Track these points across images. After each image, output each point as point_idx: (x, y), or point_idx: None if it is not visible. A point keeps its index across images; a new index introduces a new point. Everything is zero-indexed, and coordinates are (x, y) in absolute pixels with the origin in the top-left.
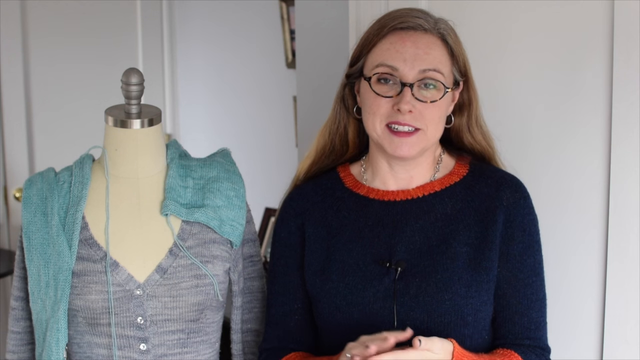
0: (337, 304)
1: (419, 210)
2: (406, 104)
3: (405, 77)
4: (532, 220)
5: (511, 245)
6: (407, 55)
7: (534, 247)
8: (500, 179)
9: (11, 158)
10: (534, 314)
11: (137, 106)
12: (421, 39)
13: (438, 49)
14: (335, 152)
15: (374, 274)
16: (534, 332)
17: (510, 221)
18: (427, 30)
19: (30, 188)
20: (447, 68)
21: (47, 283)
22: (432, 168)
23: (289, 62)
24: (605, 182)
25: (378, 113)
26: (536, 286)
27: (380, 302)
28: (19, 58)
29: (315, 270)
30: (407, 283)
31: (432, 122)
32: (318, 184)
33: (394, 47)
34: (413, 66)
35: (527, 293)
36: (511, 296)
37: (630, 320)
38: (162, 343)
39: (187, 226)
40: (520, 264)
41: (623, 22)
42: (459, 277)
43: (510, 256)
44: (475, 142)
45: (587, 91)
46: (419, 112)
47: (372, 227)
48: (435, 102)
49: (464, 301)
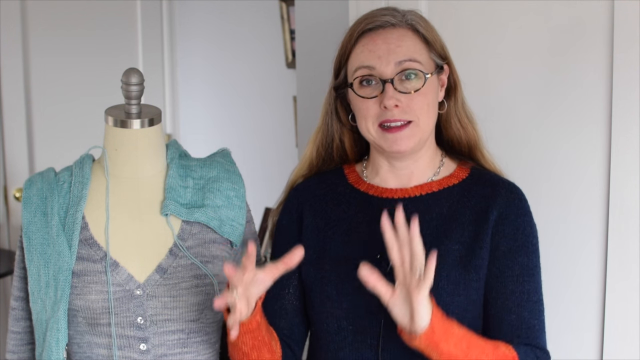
0: (328, 293)
1: (415, 209)
2: (389, 99)
3: (383, 74)
4: (527, 221)
5: (501, 241)
6: (380, 53)
7: (527, 248)
8: (499, 182)
9: (11, 158)
10: (525, 313)
11: (137, 106)
12: (391, 34)
13: (409, 39)
14: (334, 162)
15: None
16: (525, 331)
17: (502, 218)
18: (395, 24)
19: (30, 188)
20: (424, 55)
21: (47, 283)
22: (432, 166)
23: (289, 62)
24: (605, 182)
25: (368, 116)
26: (528, 286)
27: (369, 294)
28: (19, 58)
29: (310, 259)
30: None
31: (421, 112)
32: (323, 179)
33: (367, 48)
34: (388, 61)
35: (516, 291)
36: (499, 292)
37: (630, 320)
38: (162, 343)
39: (187, 226)
40: (510, 261)
41: (623, 22)
42: (447, 274)
43: (499, 252)
44: (462, 127)
45: (587, 91)
46: (406, 105)
47: (369, 222)
48: (420, 91)
49: (450, 298)
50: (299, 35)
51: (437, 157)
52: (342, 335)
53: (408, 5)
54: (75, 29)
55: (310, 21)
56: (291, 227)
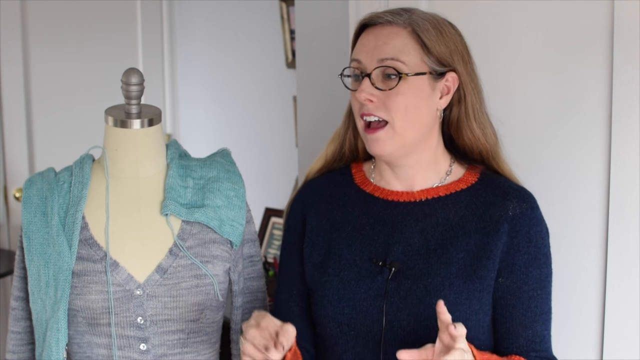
0: (330, 298)
1: (421, 213)
2: (361, 92)
3: (366, 69)
4: (539, 232)
5: (516, 256)
6: (368, 48)
7: (540, 260)
8: (509, 189)
9: (11, 158)
10: (538, 327)
11: (137, 106)
12: (382, 31)
13: (400, 38)
14: (345, 158)
15: (368, 271)
16: (538, 344)
17: (515, 231)
18: (391, 22)
19: (30, 188)
20: (412, 57)
21: (47, 283)
22: (437, 172)
23: (289, 62)
24: (605, 182)
25: (355, 109)
26: (541, 299)
27: (370, 300)
28: (19, 58)
29: (314, 262)
30: (399, 284)
31: (397, 113)
32: (330, 179)
33: (361, 42)
34: (372, 57)
35: (532, 306)
36: (515, 308)
37: (630, 320)
38: (162, 343)
39: (187, 226)
40: (525, 275)
41: (623, 22)
42: (450, 283)
43: (515, 267)
44: (474, 137)
45: (587, 91)
46: (381, 102)
47: (373, 225)
48: (396, 90)
49: (452, 307)
50: (299, 35)
51: (443, 162)
52: (345, 339)
53: (408, 5)
54: (75, 29)
55: (310, 21)
56: (296, 228)
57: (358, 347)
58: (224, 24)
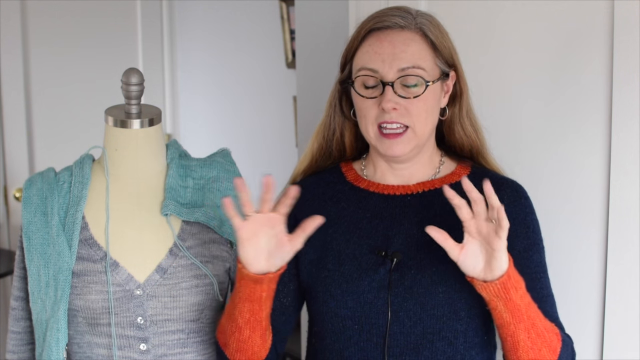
0: (332, 292)
1: (419, 205)
2: (388, 102)
3: (385, 77)
4: (535, 219)
5: (515, 241)
6: (385, 56)
7: (538, 245)
8: (502, 179)
9: (11, 158)
10: (548, 308)
11: (137, 106)
12: (398, 37)
13: (416, 44)
14: (332, 157)
15: (370, 263)
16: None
17: (512, 218)
18: (404, 27)
19: (30, 188)
20: (429, 62)
21: (47, 283)
22: (432, 166)
23: (289, 62)
24: (605, 181)
25: (368, 116)
26: (544, 282)
27: (374, 292)
28: (19, 58)
29: (311, 259)
30: (402, 274)
31: (419, 118)
32: (320, 178)
33: (372, 49)
34: (392, 66)
35: (537, 287)
36: None
37: (630, 320)
38: (162, 343)
39: (187, 226)
40: (527, 259)
41: (623, 22)
42: (456, 271)
43: (515, 252)
44: (465, 135)
45: (587, 90)
46: (404, 109)
47: (370, 219)
48: (420, 97)
49: (457, 295)
50: (299, 35)
51: (436, 157)
52: (347, 335)
53: (407, 5)
54: (75, 28)
55: (310, 21)
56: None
57: (361, 341)
58: (224, 24)
